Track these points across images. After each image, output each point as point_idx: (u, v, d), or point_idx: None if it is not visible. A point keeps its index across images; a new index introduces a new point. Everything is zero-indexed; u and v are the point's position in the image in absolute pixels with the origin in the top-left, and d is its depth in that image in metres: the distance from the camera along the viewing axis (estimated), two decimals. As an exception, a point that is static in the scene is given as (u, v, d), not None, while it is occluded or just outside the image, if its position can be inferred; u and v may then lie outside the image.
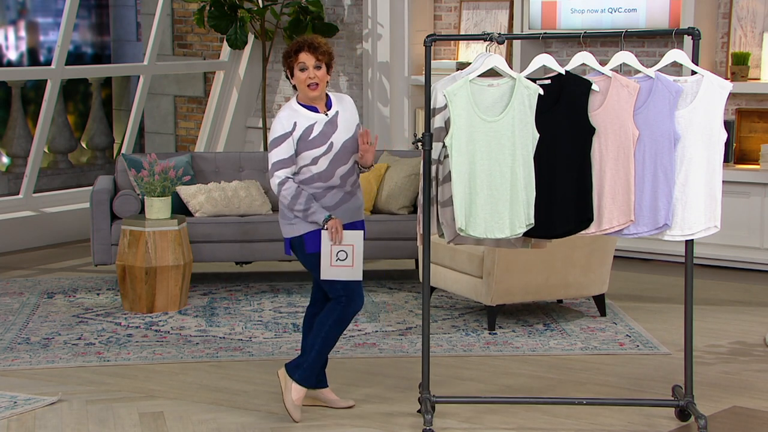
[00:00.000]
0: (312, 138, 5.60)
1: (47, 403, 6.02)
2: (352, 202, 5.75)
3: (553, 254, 7.36)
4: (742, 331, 7.41)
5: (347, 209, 5.72)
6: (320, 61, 5.61)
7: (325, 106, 5.69)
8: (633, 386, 6.31)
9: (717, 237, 7.13)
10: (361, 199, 5.81)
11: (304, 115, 5.63)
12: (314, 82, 5.59)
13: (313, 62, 5.60)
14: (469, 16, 10.63)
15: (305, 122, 5.62)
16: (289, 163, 5.62)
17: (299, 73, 5.61)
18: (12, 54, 14.47)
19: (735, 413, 5.91)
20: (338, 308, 5.66)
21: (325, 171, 5.63)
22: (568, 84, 5.47)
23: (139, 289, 7.81)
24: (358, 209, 5.79)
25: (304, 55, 5.60)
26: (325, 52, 5.63)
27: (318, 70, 5.60)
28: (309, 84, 5.60)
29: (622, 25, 9.47)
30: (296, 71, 5.62)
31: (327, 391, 5.94)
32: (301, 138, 5.61)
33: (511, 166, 5.42)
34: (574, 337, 7.25)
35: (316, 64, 5.60)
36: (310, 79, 5.59)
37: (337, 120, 5.67)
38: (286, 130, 5.61)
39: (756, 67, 9.31)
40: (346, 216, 5.72)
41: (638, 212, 5.49)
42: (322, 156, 5.61)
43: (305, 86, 5.61)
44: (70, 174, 12.24)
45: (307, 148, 5.61)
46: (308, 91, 5.61)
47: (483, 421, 5.77)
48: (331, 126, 5.65)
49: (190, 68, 11.87)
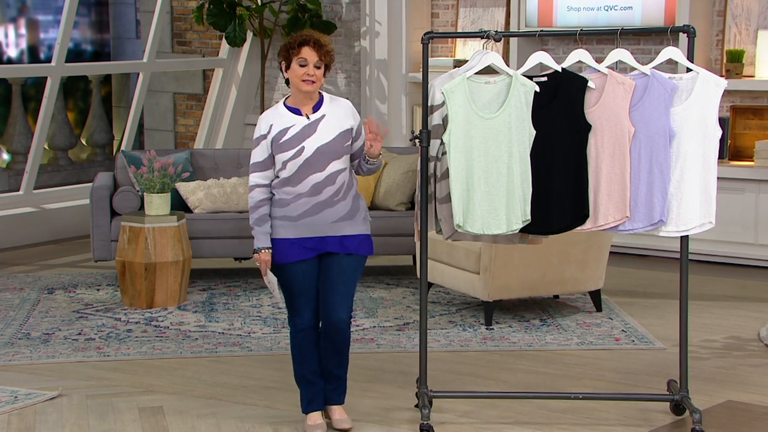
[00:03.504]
0: (283, 141, 5.32)
1: (47, 398, 6.04)
2: (325, 214, 5.36)
3: (550, 250, 7.39)
4: (736, 326, 7.44)
5: (314, 222, 5.36)
6: (322, 60, 5.32)
7: (311, 108, 5.40)
8: (628, 381, 6.34)
9: (712, 233, 7.15)
10: (344, 210, 5.39)
11: (283, 117, 5.36)
12: (311, 80, 5.32)
13: (315, 60, 5.31)
14: (467, 14, 10.66)
15: (281, 124, 5.34)
16: (262, 166, 5.37)
17: (297, 68, 5.32)
18: (12, 51, 14.48)
19: (729, 408, 5.93)
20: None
21: (293, 176, 5.32)
22: (565, 81, 5.50)
23: (139, 284, 7.84)
24: (336, 222, 5.38)
25: (308, 51, 5.31)
26: (328, 53, 5.35)
27: (318, 69, 5.32)
28: (305, 80, 5.32)
29: (618, 22, 9.51)
30: (294, 64, 5.32)
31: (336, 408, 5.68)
32: (274, 140, 5.34)
33: (507, 163, 5.44)
34: (570, 332, 7.28)
35: (317, 63, 5.32)
36: (308, 76, 5.31)
37: (318, 124, 5.35)
38: (262, 133, 5.37)
39: (750, 64, 9.35)
40: (311, 230, 5.37)
41: (634, 208, 5.51)
42: (290, 160, 5.31)
43: (300, 80, 5.31)
44: (70, 170, 12.25)
45: (278, 151, 5.34)
46: (302, 85, 5.31)
47: (480, 415, 5.80)
48: (308, 129, 5.33)
49: (189, 65, 11.89)
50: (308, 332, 5.52)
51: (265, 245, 5.39)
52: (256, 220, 5.40)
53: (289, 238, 5.39)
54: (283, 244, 5.40)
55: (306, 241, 5.39)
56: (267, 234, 5.39)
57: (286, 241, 5.39)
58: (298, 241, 5.38)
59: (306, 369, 5.55)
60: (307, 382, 5.57)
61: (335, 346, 5.52)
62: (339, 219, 5.39)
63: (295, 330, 5.52)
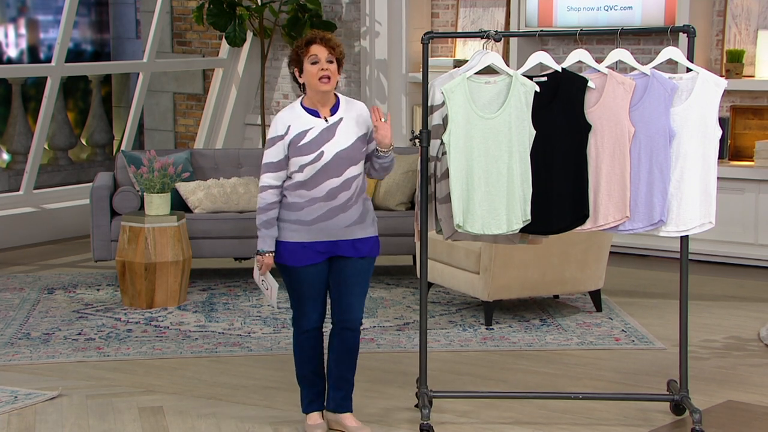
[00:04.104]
0: (302, 144, 5.24)
1: (47, 398, 6.04)
2: (339, 219, 5.30)
3: (550, 250, 7.39)
4: (736, 326, 7.45)
5: (328, 227, 5.31)
6: (332, 54, 5.24)
7: (329, 110, 5.32)
8: (628, 381, 6.34)
9: (712, 233, 7.15)
10: (356, 214, 5.35)
11: (301, 118, 5.28)
12: (326, 75, 5.22)
13: (325, 55, 5.22)
14: (467, 14, 10.67)
15: (300, 126, 5.26)
16: (276, 167, 5.29)
17: (310, 67, 5.23)
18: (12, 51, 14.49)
19: (729, 407, 5.94)
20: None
21: (309, 180, 5.26)
22: (565, 81, 5.50)
23: (139, 284, 7.84)
24: (349, 226, 5.34)
25: (317, 47, 5.23)
26: (338, 46, 5.27)
27: (330, 63, 5.23)
28: (321, 77, 5.22)
29: (618, 22, 9.51)
30: (307, 65, 5.24)
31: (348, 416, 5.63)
32: (292, 143, 5.25)
33: (507, 163, 5.44)
34: (570, 332, 7.29)
35: (328, 58, 5.23)
36: (322, 71, 5.21)
37: (336, 128, 5.27)
38: (278, 133, 5.27)
39: (750, 64, 9.35)
40: (325, 234, 5.32)
41: (634, 208, 5.51)
42: (308, 165, 5.24)
43: (317, 80, 5.22)
44: (70, 170, 12.25)
45: (296, 154, 5.25)
46: (319, 84, 5.22)
47: (480, 415, 5.80)
48: (327, 134, 5.26)
49: (189, 65, 11.89)
50: (312, 334, 5.51)
51: (271, 249, 5.35)
52: (265, 222, 5.33)
53: (301, 242, 5.34)
54: (295, 248, 5.34)
55: (318, 245, 5.34)
56: (273, 238, 5.34)
57: (298, 244, 5.34)
58: (311, 245, 5.34)
59: (307, 369, 5.54)
60: (309, 382, 5.56)
61: (348, 347, 5.51)
62: (352, 223, 5.35)
63: (299, 331, 5.50)
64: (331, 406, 5.59)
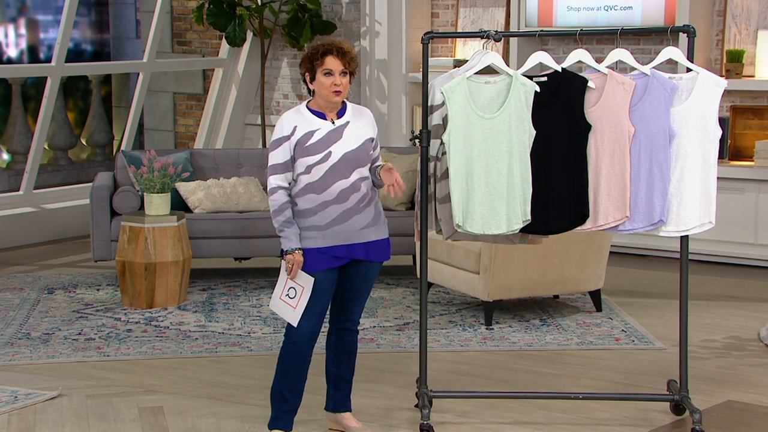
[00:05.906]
0: (309, 144, 5.19)
1: (47, 398, 6.04)
2: (353, 222, 5.25)
3: (550, 250, 7.40)
4: (736, 326, 7.45)
5: (343, 230, 5.24)
6: (347, 68, 5.19)
7: (336, 114, 5.28)
8: (628, 381, 6.34)
9: (712, 233, 7.15)
10: (369, 216, 5.30)
11: (307, 120, 5.23)
12: (339, 90, 5.19)
13: (340, 68, 5.17)
14: (466, 14, 10.67)
15: (306, 127, 5.21)
16: (282, 168, 5.22)
17: (323, 78, 5.18)
18: (12, 51, 14.49)
19: (729, 407, 5.94)
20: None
21: (318, 182, 5.20)
22: (565, 81, 5.50)
23: (139, 284, 7.85)
24: (364, 229, 5.29)
25: (332, 60, 5.17)
26: (353, 59, 5.21)
27: (344, 77, 5.19)
28: (334, 91, 5.18)
29: (618, 22, 9.52)
30: (320, 75, 5.18)
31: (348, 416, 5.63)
32: (299, 143, 5.19)
33: (507, 163, 5.45)
34: (570, 332, 7.29)
35: (342, 71, 5.18)
36: (335, 86, 5.17)
37: (343, 130, 5.24)
38: (284, 134, 5.21)
39: (750, 64, 9.36)
40: (341, 238, 5.25)
41: (634, 208, 5.52)
42: (316, 165, 5.19)
43: (329, 92, 5.18)
44: (70, 170, 12.26)
45: (303, 154, 5.19)
46: (332, 96, 5.19)
47: (480, 415, 5.80)
48: (334, 135, 5.21)
49: (189, 65, 11.90)
50: (300, 347, 5.32)
51: (298, 246, 5.22)
52: (284, 222, 5.23)
53: (318, 248, 5.25)
54: (311, 253, 5.24)
55: (335, 249, 5.26)
56: (297, 234, 5.23)
57: (314, 250, 5.24)
58: (329, 249, 5.25)
59: (284, 385, 5.38)
60: (282, 399, 5.40)
61: (348, 349, 5.49)
62: (366, 225, 5.29)
63: (287, 341, 5.35)
64: (330, 406, 5.59)
